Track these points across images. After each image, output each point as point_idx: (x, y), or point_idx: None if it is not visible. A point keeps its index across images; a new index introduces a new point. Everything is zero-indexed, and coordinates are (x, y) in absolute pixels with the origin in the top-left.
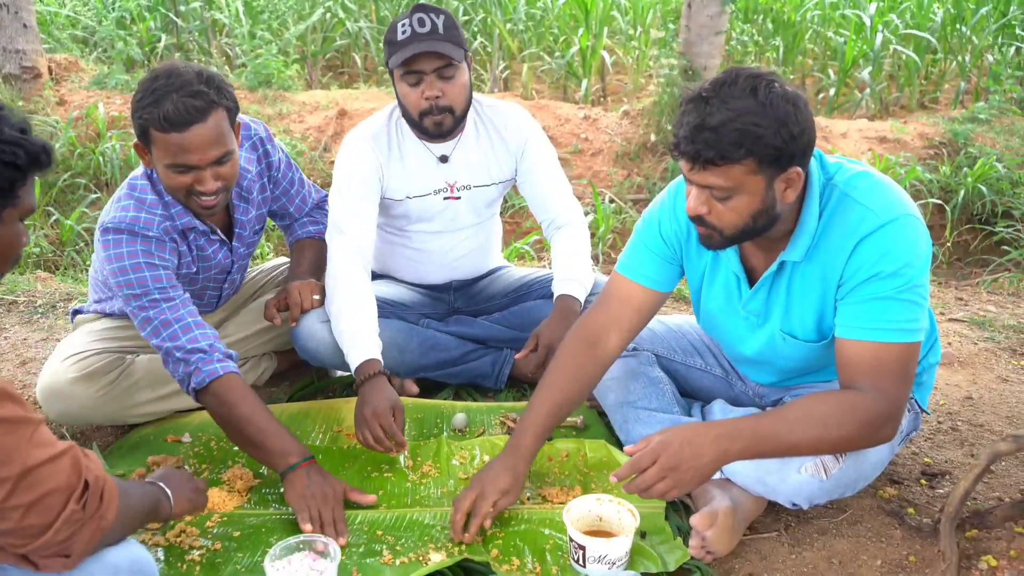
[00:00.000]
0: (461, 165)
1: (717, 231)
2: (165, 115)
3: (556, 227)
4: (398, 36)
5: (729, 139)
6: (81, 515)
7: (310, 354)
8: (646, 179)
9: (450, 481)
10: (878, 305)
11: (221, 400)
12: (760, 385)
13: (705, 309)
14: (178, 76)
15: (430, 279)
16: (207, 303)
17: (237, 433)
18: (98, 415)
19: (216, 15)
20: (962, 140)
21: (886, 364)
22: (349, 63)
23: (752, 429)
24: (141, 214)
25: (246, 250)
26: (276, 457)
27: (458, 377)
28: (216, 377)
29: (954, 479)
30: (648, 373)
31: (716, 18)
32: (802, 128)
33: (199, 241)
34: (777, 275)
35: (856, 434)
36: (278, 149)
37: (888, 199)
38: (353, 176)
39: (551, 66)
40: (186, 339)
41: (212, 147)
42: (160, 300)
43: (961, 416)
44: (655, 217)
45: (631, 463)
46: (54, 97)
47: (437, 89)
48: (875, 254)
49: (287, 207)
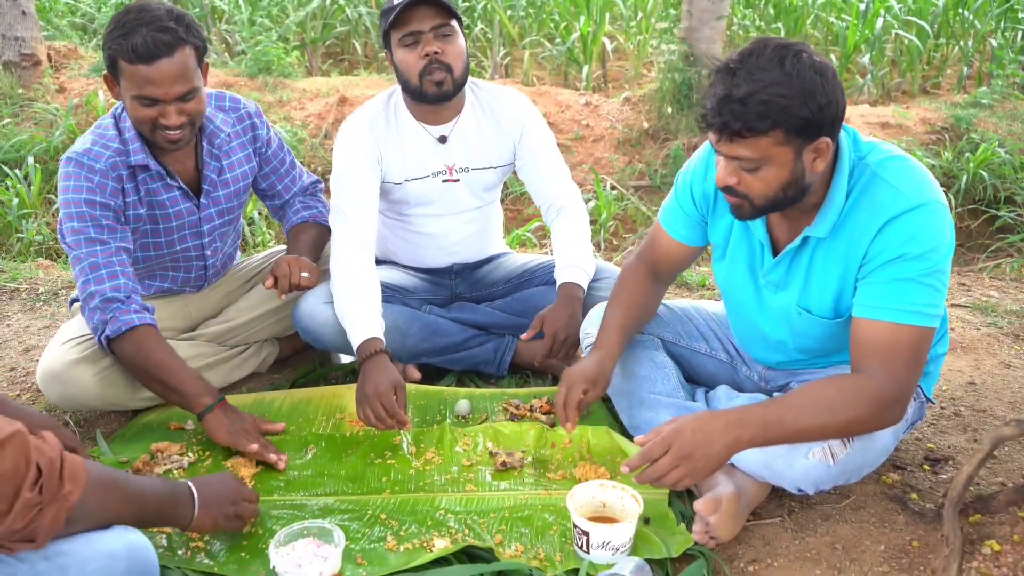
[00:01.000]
0: (459, 147)
1: (748, 201)
2: (133, 47)
3: (555, 211)
4: (393, 1)
5: (756, 110)
6: (39, 500)
7: (311, 335)
8: (648, 165)
9: (453, 468)
10: (900, 287)
11: (138, 347)
12: (766, 368)
13: (726, 275)
14: (149, 11)
15: (431, 263)
16: (195, 275)
17: (153, 378)
18: (98, 400)
19: (216, 1)
20: (964, 125)
21: (900, 346)
22: (349, 50)
23: (761, 416)
24: (95, 147)
25: (219, 213)
26: (192, 399)
27: (460, 363)
28: (132, 327)
29: (957, 464)
30: (654, 357)
31: (718, 3)
32: (829, 99)
33: (151, 184)
34: (800, 249)
35: (864, 416)
36: (268, 127)
37: (919, 183)
38: (352, 162)
39: (552, 52)
40: (110, 285)
41: (177, 82)
42: (95, 240)
43: (964, 402)
44: (687, 180)
45: (643, 452)
46: (54, 84)
47: (436, 46)
48: (902, 236)
49: (275, 185)
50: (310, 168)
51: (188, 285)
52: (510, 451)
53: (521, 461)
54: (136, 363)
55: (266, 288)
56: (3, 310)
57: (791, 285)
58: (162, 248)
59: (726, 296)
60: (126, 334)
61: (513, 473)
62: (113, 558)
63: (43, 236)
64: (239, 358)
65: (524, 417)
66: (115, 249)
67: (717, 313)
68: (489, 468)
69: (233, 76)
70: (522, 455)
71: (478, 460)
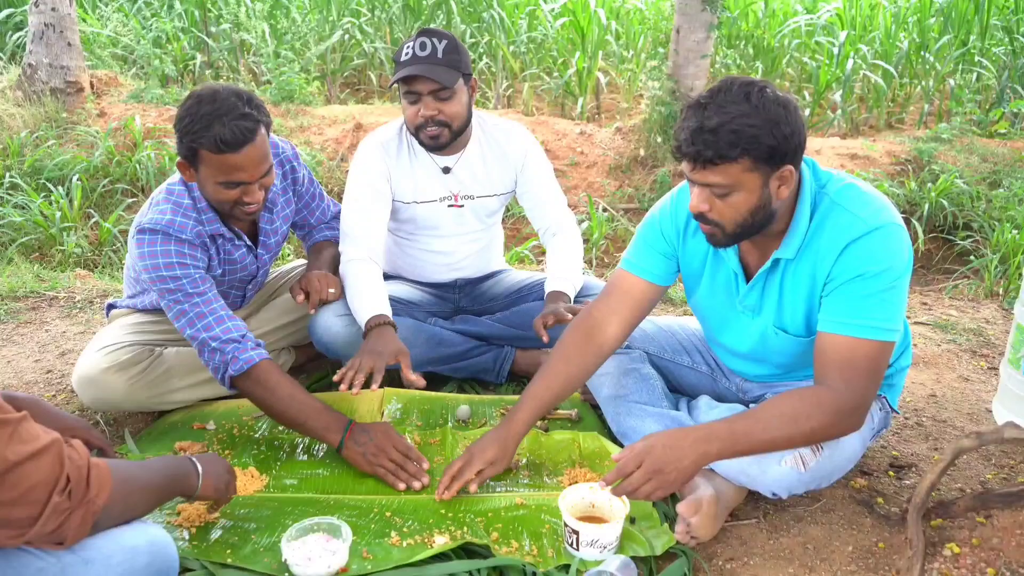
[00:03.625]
0: (464, 177)
1: (720, 227)
2: (221, 139)
3: (551, 234)
4: (401, 56)
5: (726, 139)
6: (68, 504)
7: (325, 346)
8: (636, 190)
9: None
10: (859, 302)
11: (262, 385)
12: (744, 380)
13: (703, 304)
14: (224, 100)
15: (436, 278)
16: (232, 302)
17: (280, 414)
18: (129, 402)
19: (244, 36)
20: (926, 158)
21: (858, 359)
22: (365, 80)
23: (728, 430)
24: (176, 217)
25: (270, 256)
26: (321, 434)
27: (462, 371)
28: (253, 364)
29: (920, 471)
30: (640, 369)
31: (702, 43)
32: (793, 129)
33: (226, 246)
34: (771, 272)
35: (825, 424)
36: (303, 167)
37: (875, 208)
38: (364, 180)
39: (550, 85)
40: (220, 330)
41: (261, 163)
42: (193, 294)
43: (926, 412)
44: (656, 219)
45: (618, 468)
46: (95, 109)
47: (433, 108)
48: (862, 256)
49: (308, 219)
50: (327, 187)
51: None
52: None
53: (516, 463)
54: (264, 399)
55: (298, 303)
56: (43, 316)
57: (765, 307)
58: (221, 287)
59: (705, 323)
60: (248, 372)
61: (509, 474)
62: (135, 552)
63: (82, 248)
64: None
65: None
66: (212, 297)
67: (699, 329)
68: None
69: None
70: (517, 458)
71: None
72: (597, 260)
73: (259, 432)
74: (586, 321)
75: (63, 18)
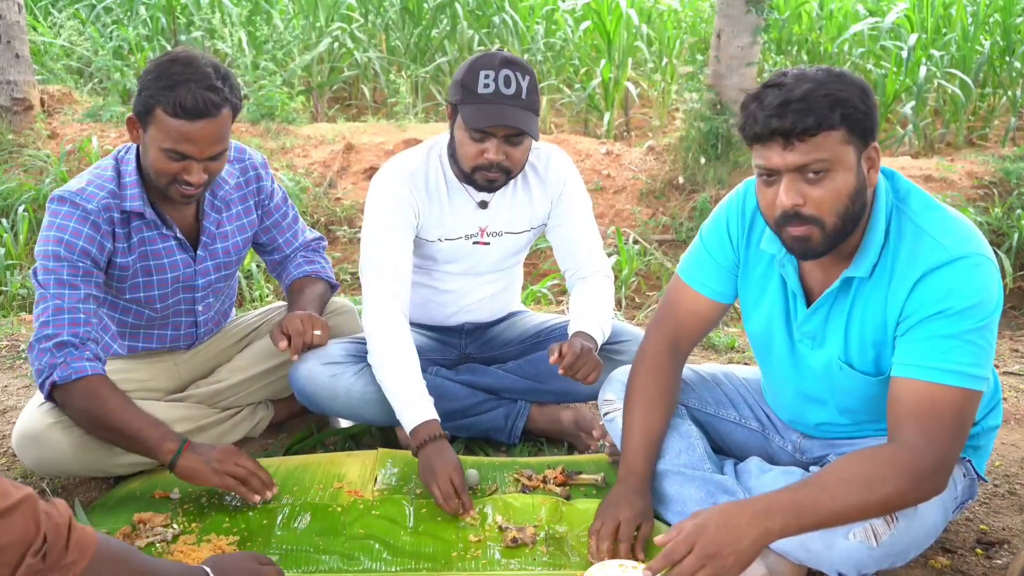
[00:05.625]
0: (499, 211)
1: (818, 224)
2: (180, 102)
3: (580, 277)
4: (479, 87)
5: (822, 104)
6: (41, 566)
7: (308, 398)
8: (672, 219)
9: (459, 545)
10: (941, 344)
11: (92, 394)
12: (802, 437)
13: (759, 329)
14: (198, 66)
15: (442, 320)
16: (185, 332)
17: (108, 428)
18: (77, 464)
19: (218, 45)
20: (1014, 179)
21: (941, 409)
22: (357, 95)
23: (792, 501)
24: (88, 187)
25: (216, 267)
26: (155, 444)
27: (469, 430)
28: (84, 376)
29: (1013, 548)
30: (678, 426)
31: (747, 49)
32: (875, 102)
33: (146, 233)
34: (840, 294)
35: (903, 489)
36: (274, 181)
37: (963, 235)
38: (390, 215)
39: (571, 98)
40: (68, 331)
41: (214, 143)
42: (66, 283)
43: (1019, 479)
44: (723, 215)
45: (665, 554)
46: (46, 130)
47: (501, 153)
48: (942, 290)
49: (276, 239)
50: (313, 219)
51: (178, 343)
52: (521, 526)
53: (533, 537)
54: (89, 412)
55: (280, 349)
56: None
57: (830, 337)
58: (154, 303)
59: (759, 353)
60: (77, 382)
61: (524, 550)
62: None
63: (27, 289)
64: (231, 421)
65: (537, 489)
66: (84, 296)
67: (748, 378)
68: (498, 544)
69: (234, 122)
70: (534, 530)
71: (487, 535)
72: (627, 300)
73: (232, 501)
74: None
75: (11, 26)
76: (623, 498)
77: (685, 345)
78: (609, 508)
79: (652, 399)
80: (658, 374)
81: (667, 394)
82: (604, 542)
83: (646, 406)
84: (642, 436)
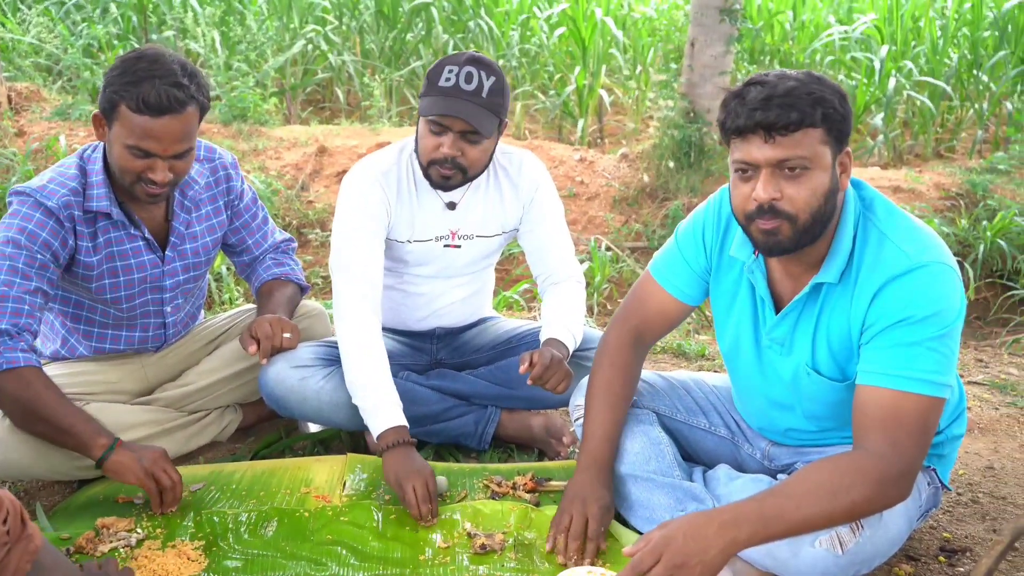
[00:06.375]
0: (468, 213)
1: (790, 219)
2: (144, 98)
3: (552, 283)
4: (440, 80)
5: (805, 101)
6: (6, 539)
7: (277, 402)
8: (645, 226)
9: (427, 551)
10: (904, 352)
11: (25, 385)
12: (771, 444)
13: (729, 334)
14: (164, 63)
15: (413, 325)
16: (153, 334)
17: (40, 419)
18: (39, 467)
19: (190, 45)
20: (980, 191)
21: (905, 416)
22: (331, 98)
23: (758, 510)
24: (50, 184)
25: (184, 268)
26: (87, 438)
27: (439, 436)
28: (16, 367)
29: (975, 556)
30: (648, 432)
31: (721, 58)
32: (851, 108)
33: (113, 233)
34: (809, 300)
35: (868, 496)
36: (243, 180)
37: (925, 244)
38: (361, 215)
39: (545, 105)
40: (8, 321)
41: (178, 141)
42: (18, 271)
43: (982, 487)
44: (700, 220)
45: (633, 565)
46: (12, 128)
47: (457, 148)
48: (903, 298)
49: (245, 240)
50: (285, 222)
51: (146, 345)
52: (490, 532)
53: (502, 543)
54: (21, 402)
55: (250, 353)
56: None
57: (797, 344)
58: (121, 303)
59: (728, 360)
60: (9, 372)
61: (493, 557)
62: None
63: None
64: (198, 425)
65: (506, 495)
66: (34, 288)
67: (718, 386)
68: (467, 551)
69: (206, 123)
70: (503, 537)
71: (455, 542)
72: (599, 307)
73: (199, 505)
74: (627, 329)
75: None
76: (589, 491)
77: (648, 340)
78: (576, 502)
79: (616, 392)
80: (622, 367)
81: (629, 387)
82: (575, 541)
83: (610, 398)
84: (607, 428)
